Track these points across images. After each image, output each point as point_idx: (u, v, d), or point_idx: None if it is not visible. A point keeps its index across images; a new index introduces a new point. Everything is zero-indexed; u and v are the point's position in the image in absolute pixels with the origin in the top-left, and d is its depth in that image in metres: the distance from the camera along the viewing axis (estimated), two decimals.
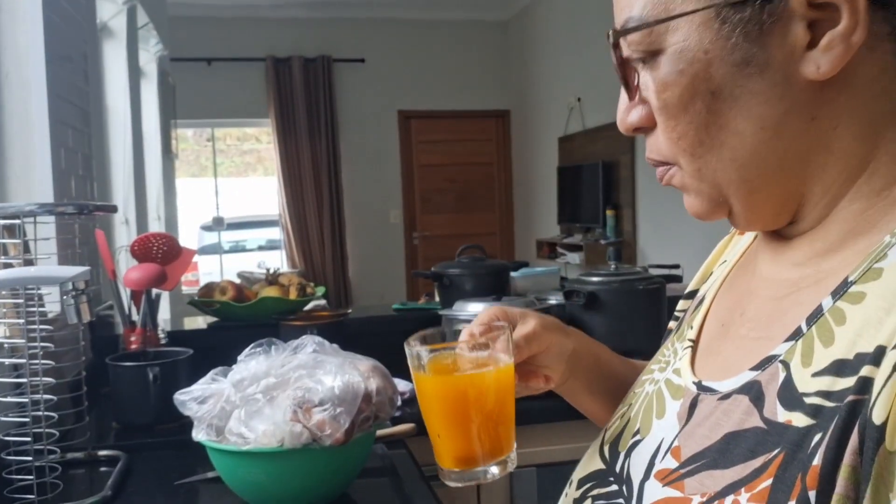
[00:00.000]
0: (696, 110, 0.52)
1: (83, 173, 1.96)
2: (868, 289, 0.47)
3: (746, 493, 0.47)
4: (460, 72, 6.78)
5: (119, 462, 1.23)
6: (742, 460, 0.49)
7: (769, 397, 0.50)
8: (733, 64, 0.50)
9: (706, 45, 0.50)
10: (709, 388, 0.57)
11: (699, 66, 0.50)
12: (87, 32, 2.16)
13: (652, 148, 0.57)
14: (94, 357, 1.71)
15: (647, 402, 0.65)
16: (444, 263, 2.08)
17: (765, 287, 0.59)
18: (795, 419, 0.47)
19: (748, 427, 0.50)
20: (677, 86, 0.52)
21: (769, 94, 0.50)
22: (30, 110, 1.64)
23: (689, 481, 0.53)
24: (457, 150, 6.95)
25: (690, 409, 0.58)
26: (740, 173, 0.53)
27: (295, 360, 1.05)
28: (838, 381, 0.45)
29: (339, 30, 6.49)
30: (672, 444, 0.57)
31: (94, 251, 1.77)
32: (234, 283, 2.13)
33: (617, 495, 0.61)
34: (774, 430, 0.48)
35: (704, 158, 0.53)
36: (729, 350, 0.59)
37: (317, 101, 6.43)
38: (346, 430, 0.99)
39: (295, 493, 1.02)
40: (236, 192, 9.11)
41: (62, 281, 1.04)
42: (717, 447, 0.52)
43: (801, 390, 0.47)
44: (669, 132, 0.54)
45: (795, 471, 0.45)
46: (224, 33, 6.26)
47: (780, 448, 0.47)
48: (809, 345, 0.49)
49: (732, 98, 0.51)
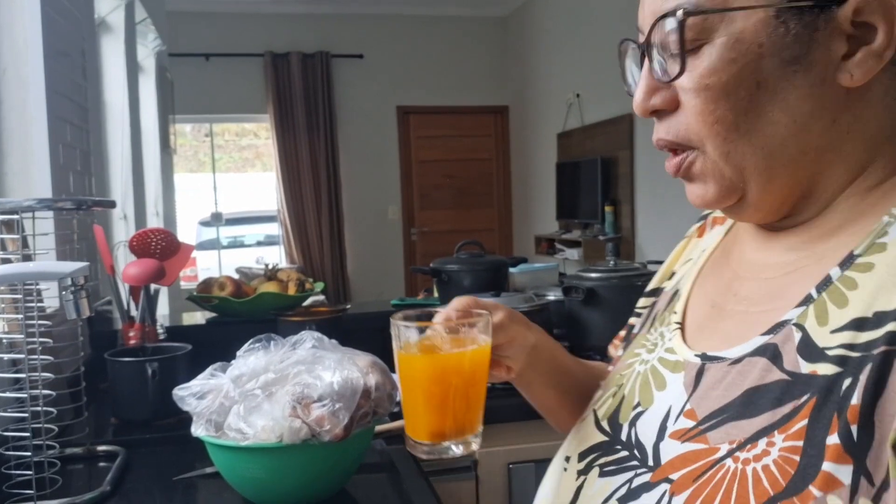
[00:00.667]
0: (740, 97, 0.56)
1: (81, 169, 1.96)
2: (876, 259, 0.53)
3: (781, 435, 0.51)
4: (459, 68, 6.78)
5: (118, 457, 1.23)
6: (769, 408, 0.53)
7: (788, 355, 0.54)
8: (782, 60, 0.55)
9: (762, 40, 0.55)
10: (716, 357, 0.61)
11: (751, 57, 0.55)
12: (85, 28, 2.15)
13: (670, 130, 0.60)
14: (93, 352, 1.71)
15: (641, 379, 0.68)
16: (443, 259, 2.08)
17: (757, 270, 0.63)
18: (821, 369, 0.51)
19: (771, 381, 0.54)
20: (726, 73, 0.55)
21: (806, 92, 0.55)
22: (28, 106, 1.64)
23: (713, 434, 0.56)
24: (455, 145, 6.95)
25: (697, 377, 0.61)
26: (767, 161, 0.57)
27: (294, 355, 1.05)
28: (860, 335, 0.50)
29: (338, 25, 6.48)
30: (684, 408, 0.60)
31: (93, 247, 1.77)
32: (233, 279, 2.13)
33: (628, 459, 0.63)
34: (800, 380, 0.52)
35: (736, 143, 0.57)
36: (728, 325, 0.63)
37: (315, 96, 6.42)
38: (345, 426, 0.99)
39: (294, 489, 1.03)
40: (235, 187, 9.11)
41: (61, 276, 1.04)
42: (738, 402, 0.55)
43: (822, 345, 0.52)
44: (707, 115, 0.57)
45: (831, 411, 0.49)
46: (222, 29, 6.25)
47: (809, 394, 0.51)
48: (822, 308, 0.54)
49: (775, 91, 0.55)
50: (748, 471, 0.51)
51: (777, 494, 0.49)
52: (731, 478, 0.52)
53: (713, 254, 0.74)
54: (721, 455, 0.54)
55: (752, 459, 0.52)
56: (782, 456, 0.50)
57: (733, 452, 0.53)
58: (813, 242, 0.59)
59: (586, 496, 0.65)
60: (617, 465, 0.64)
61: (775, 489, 0.49)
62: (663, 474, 0.58)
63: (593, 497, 0.64)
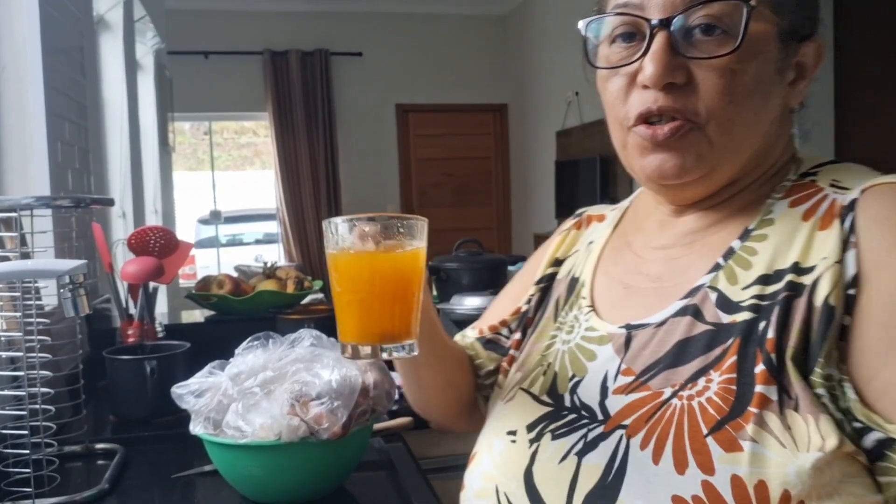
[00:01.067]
0: (750, 85, 0.65)
1: (80, 166, 1.95)
2: (767, 231, 0.66)
3: (716, 373, 0.61)
4: (458, 66, 6.77)
5: (116, 455, 1.23)
6: (701, 354, 0.63)
7: (708, 311, 0.65)
8: (775, 69, 0.66)
9: (769, 48, 0.66)
10: (640, 325, 0.70)
11: (762, 57, 0.65)
12: (84, 25, 2.15)
13: (679, 100, 0.65)
14: (92, 350, 1.71)
15: (568, 356, 0.76)
16: (442, 257, 2.09)
17: (663, 252, 0.74)
18: (739, 317, 0.63)
19: (697, 332, 0.65)
20: (748, 63, 0.64)
21: (778, 101, 0.68)
22: (26, 103, 1.64)
23: (653, 382, 0.65)
24: (454, 144, 6.94)
25: (627, 342, 0.70)
26: (744, 147, 0.67)
27: (292, 353, 1.05)
28: (767, 288, 0.63)
29: (337, 23, 6.47)
30: (620, 368, 0.69)
31: (91, 244, 1.77)
32: (232, 277, 2.13)
33: (578, 420, 0.69)
34: (723, 328, 0.63)
35: (736, 125, 0.65)
36: (644, 299, 0.72)
37: (314, 94, 6.41)
38: (343, 424, 0.99)
39: (292, 487, 1.03)
40: (233, 185, 9.10)
41: (59, 274, 1.04)
42: (671, 353, 0.65)
43: (736, 300, 0.64)
44: (725, 94, 0.64)
45: (754, 347, 0.61)
46: (221, 26, 6.24)
47: (733, 337, 0.62)
48: (731, 272, 0.66)
49: (767, 91, 0.66)
50: (694, 404, 0.61)
51: (724, 418, 0.59)
52: (679, 413, 0.61)
53: (608, 244, 0.83)
54: (666, 397, 0.63)
55: (695, 395, 0.61)
56: (722, 387, 0.60)
57: (677, 392, 0.63)
58: (714, 224, 0.71)
59: (542, 459, 0.69)
60: (568, 427, 0.69)
61: (721, 414, 0.59)
62: (616, 423, 0.65)
63: (550, 458, 0.68)
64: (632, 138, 0.69)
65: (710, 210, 0.72)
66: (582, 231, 0.89)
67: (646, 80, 0.65)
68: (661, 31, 0.64)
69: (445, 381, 0.86)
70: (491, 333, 0.91)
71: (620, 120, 0.69)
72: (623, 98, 0.68)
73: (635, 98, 0.67)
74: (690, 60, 0.64)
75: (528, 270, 0.94)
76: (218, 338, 1.27)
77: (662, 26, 0.64)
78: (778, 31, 0.65)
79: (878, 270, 0.59)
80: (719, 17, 0.63)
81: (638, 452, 0.62)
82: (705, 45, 0.64)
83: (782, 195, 0.68)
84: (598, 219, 0.89)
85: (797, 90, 0.69)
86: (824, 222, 0.63)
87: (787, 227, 0.65)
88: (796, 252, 0.63)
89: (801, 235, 0.64)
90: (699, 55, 0.64)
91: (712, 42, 0.64)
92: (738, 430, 0.58)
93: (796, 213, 0.66)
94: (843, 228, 0.61)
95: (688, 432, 0.60)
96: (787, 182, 0.69)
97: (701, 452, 0.58)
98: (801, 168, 0.71)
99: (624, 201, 0.89)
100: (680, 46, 0.64)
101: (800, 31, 0.68)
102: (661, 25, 0.64)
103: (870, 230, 0.60)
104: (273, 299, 2.00)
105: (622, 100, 0.68)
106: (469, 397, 0.90)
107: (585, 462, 0.65)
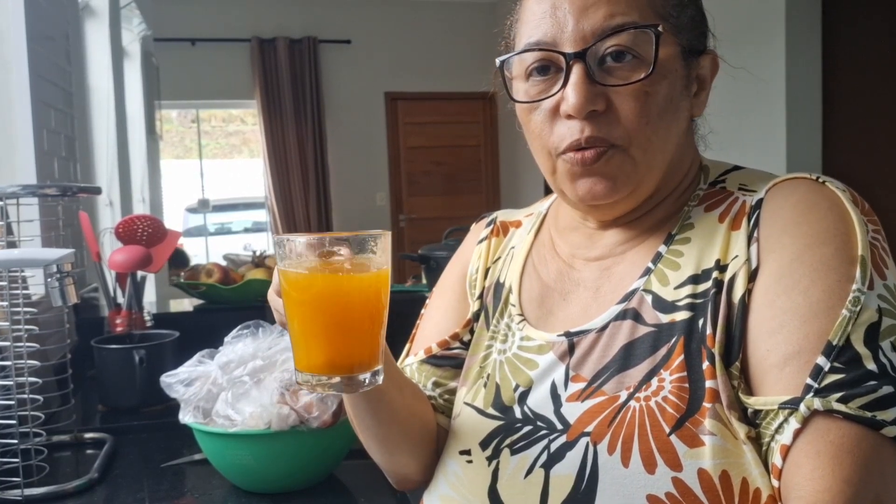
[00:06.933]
0: (662, 106, 0.68)
1: (66, 155, 1.94)
2: (690, 234, 0.70)
3: (666, 372, 0.64)
4: (447, 53, 6.74)
5: (105, 444, 1.23)
6: (648, 355, 0.66)
7: (646, 313, 0.68)
8: (682, 86, 0.70)
9: (676, 66, 0.69)
10: (580, 332, 0.71)
11: (671, 77, 0.69)
12: (70, 11, 2.13)
13: (602, 128, 0.68)
14: (80, 340, 1.71)
15: (508, 366, 0.75)
16: (431, 246, 2.08)
17: (593, 260, 0.76)
18: (678, 316, 0.66)
19: (640, 335, 0.67)
20: (660, 84, 0.68)
21: (685, 115, 0.72)
22: (11, 90, 1.63)
23: (607, 387, 0.67)
24: (444, 132, 6.92)
25: (570, 349, 0.71)
26: (661, 164, 0.71)
27: (282, 342, 1.05)
28: (698, 287, 0.66)
29: (325, 10, 6.43)
30: (568, 375, 0.70)
31: (79, 233, 1.76)
32: (220, 266, 2.12)
33: (536, 431, 0.69)
34: (664, 328, 0.66)
35: (654, 144, 0.69)
36: (580, 307, 0.74)
37: (303, 82, 6.37)
38: (333, 413, 0.99)
39: (282, 475, 1.03)
40: (222, 174, 9.06)
41: (46, 263, 1.03)
42: (619, 356, 0.67)
43: (671, 299, 0.67)
44: (642, 117, 0.68)
45: (698, 344, 0.64)
46: (208, 13, 6.19)
47: (676, 335, 0.65)
48: (662, 274, 0.69)
49: (677, 107, 0.70)
50: (652, 405, 0.63)
51: (682, 416, 0.61)
52: (640, 414, 0.63)
53: (532, 251, 0.84)
54: (623, 400, 0.65)
55: (651, 396, 0.64)
56: (675, 386, 0.63)
57: (633, 395, 0.64)
58: (640, 235, 0.74)
59: (506, 475, 0.69)
60: (527, 440, 0.69)
61: (679, 412, 0.62)
62: (578, 431, 0.66)
63: (514, 474, 0.68)
64: (561, 164, 0.71)
65: (634, 223, 0.75)
66: (501, 238, 0.89)
67: (569, 109, 0.67)
68: (577, 63, 0.67)
69: (408, 411, 0.78)
70: (441, 349, 0.84)
71: (549, 149, 0.71)
72: (549, 128, 0.71)
73: (562, 128, 0.69)
74: (608, 88, 0.67)
75: (452, 281, 0.90)
76: (207, 327, 1.27)
77: (578, 58, 0.67)
78: (681, 50, 0.70)
79: (768, 254, 0.64)
80: (628, 45, 0.67)
81: (607, 458, 0.63)
82: (619, 72, 0.67)
83: (697, 203, 0.73)
84: (515, 225, 0.89)
85: (700, 101, 0.74)
86: (736, 223, 0.68)
87: (706, 230, 0.70)
88: (717, 251, 0.67)
89: (719, 236, 0.68)
90: (615, 82, 0.67)
91: (625, 68, 0.67)
92: (697, 426, 0.61)
93: (713, 216, 0.70)
94: (748, 226, 0.66)
95: (651, 433, 0.62)
96: (700, 191, 0.74)
97: (667, 451, 0.61)
98: (709, 177, 0.75)
99: (536, 206, 0.90)
100: (596, 75, 0.67)
101: (697, 47, 0.72)
102: (576, 57, 0.67)
103: (766, 223, 0.65)
104: (262, 288, 2.00)
105: (548, 130, 0.71)
106: (432, 424, 0.82)
107: (554, 474, 0.66)
